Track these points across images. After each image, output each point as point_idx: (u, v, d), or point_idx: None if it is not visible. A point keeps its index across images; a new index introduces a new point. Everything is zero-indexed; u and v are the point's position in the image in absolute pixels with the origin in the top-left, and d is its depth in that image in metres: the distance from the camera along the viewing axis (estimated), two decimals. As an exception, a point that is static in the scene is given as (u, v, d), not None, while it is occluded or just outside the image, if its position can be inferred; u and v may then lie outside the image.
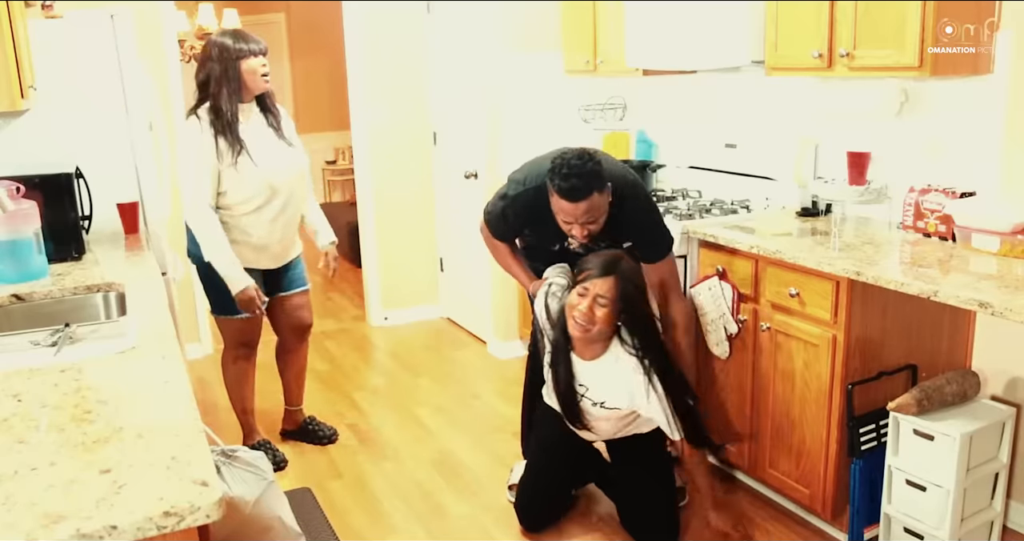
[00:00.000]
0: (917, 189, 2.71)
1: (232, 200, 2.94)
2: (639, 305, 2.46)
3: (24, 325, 2.22)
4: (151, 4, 4.16)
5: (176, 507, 1.13)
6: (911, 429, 2.37)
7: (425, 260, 5.07)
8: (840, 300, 2.42)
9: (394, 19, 4.73)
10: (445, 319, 5.09)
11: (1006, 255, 2.39)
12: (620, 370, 2.47)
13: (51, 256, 2.62)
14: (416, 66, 4.83)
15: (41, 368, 1.73)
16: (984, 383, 2.56)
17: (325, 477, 3.18)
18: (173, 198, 3.75)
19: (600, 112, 4.17)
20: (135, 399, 1.56)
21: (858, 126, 2.99)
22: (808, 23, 2.72)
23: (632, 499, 2.69)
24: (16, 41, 2.49)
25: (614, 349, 2.48)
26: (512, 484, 2.95)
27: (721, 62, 3.06)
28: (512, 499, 2.88)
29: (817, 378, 2.52)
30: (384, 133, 4.84)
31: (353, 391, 4.05)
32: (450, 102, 4.65)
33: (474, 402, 3.87)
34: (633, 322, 2.45)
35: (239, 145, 2.88)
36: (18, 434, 1.40)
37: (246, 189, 2.93)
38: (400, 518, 2.89)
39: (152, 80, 3.55)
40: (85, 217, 3.00)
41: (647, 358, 2.44)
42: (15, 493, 1.19)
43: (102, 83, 3.17)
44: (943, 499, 2.31)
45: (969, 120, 2.64)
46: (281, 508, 2.23)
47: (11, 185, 2.45)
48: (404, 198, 4.96)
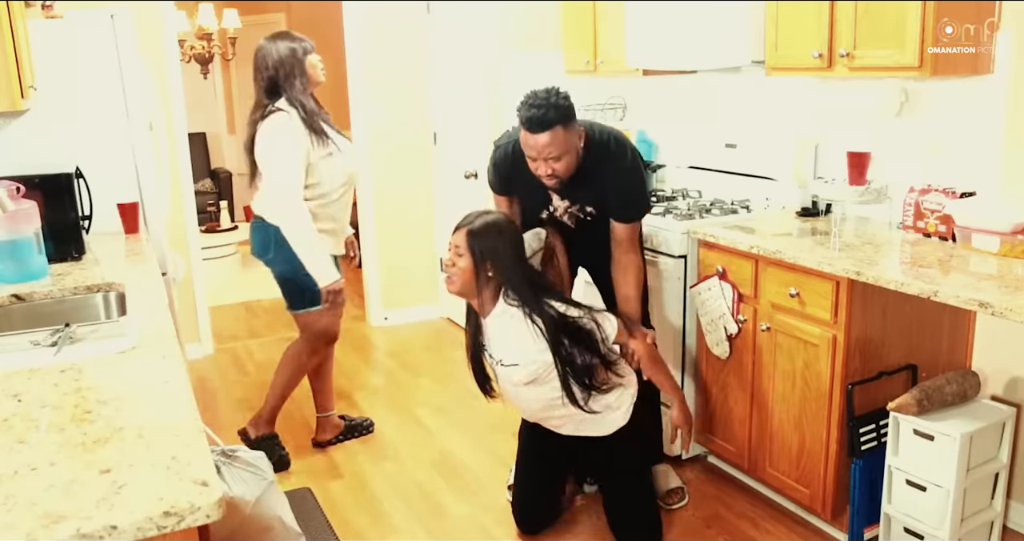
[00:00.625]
0: (917, 189, 2.71)
1: (324, 189, 3.02)
2: (507, 259, 2.47)
3: (24, 325, 2.22)
4: (151, 4, 4.16)
5: (176, 507, 1.13)
6: (911, 429, 2.37)
7: (425, 260, 5.07)
8: (840, 300, 2.42)
9: (394, 19, 4.74)
10: (445, 319, 5.09)
11: (1006, 255, 2.39)
12: (509, 323, 2.49)
13: (51, 256, 2.62)
14: (416, 66, 4.83)
15: (41, 368, 1.73)
16: (984, 383, 2.56)
17: (325, 477, 3.18)
18: (173, 198, 3.75)
19: (600, 112, 4.17)
20: (135, 399, 1.56)
21: (858, 126, 2.99)
22: (808, 23, 2.72)
23: (614, 503, 2.71)
24: (16, 41, 2.48)
25: (500, 303, 2.50)
26: (511, 484, 2.95)
27: (721, 62, 3.06)
28: (511, 499, 2.89)
29: (817, 378, 2.52)
30: (384, 133, 4.84)
31: (353, 391, 4.05)
32: (450, 102, 4.65)
33: (474, 402, 3.87)
34: (505, 275, 2.47)
35: (326, 135, 2.98)
36: (18, 434, 1.40)
37: (337, 177, 3.03)
38: (400, 518, 2.89)
39: (152, 80, 3.54)
40: (85, 217, 3.00)
41: (527, 307, 2.44)
42: (15, 493, 1.19)
43: (102, 83, 3.17)
44: (943, 499, 2.31)
45: (969, 120, 2.64)
46: (281, 508, 2.23)
47: (11, 185, 2.45)
48: (404, 198, 4.96)
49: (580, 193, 2.63)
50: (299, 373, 3.31)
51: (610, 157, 2.58)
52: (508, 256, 2.48)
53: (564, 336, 2.44)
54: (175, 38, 4.44)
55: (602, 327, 2.48)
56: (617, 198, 2.63)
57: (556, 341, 2.43)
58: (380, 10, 4.70)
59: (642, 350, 2.59)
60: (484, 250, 2.46)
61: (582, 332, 2.46)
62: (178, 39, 5.10)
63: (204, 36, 6.94)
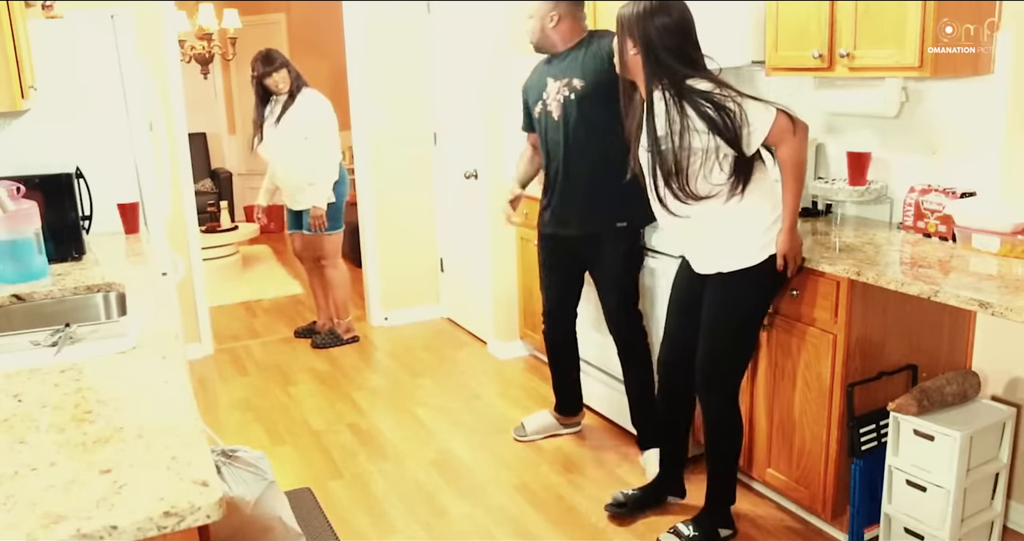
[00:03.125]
0: (917, 189, 2.71)
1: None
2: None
3: (24, 325, 2.22)
4: (151, 4, 4.16)
5: (176, 507, 1.13)
6: (911, 429, 2.37)
7: (425, 260, 5.07)
8: (840, 300, 2.42)
9: (394, 19, 4.73)
10: (445, 319, 5.09)
11: (1006, 255, 2.39)
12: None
13: (51, 256, 2.62)
14: (416, 66, 4.83)
15: (41, 368, 1.73)
16: (984, 383, 2.56)
17: (325, 477, 3.18)
18: (173, 198, 3.75)
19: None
20: (135, 399, 1.56)
21: (858, 126, 2.99)
22: (808, 23, 2.72)
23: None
24: (16, 41, 2.49)
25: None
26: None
27: (721, 62, 3.05)
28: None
29: (817, 378, 2.52)
30: (384, 133, 4.84)
31: (353, 391, 4.05)
32: (450, 102, 4.65)
33: (474, 402, 3.87)
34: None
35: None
36: (18, 434, 1.40)
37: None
38: (400, 518, 2.89)
39: (152, 80, 3.55)
40: (85, 217, 3.00)
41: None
42: (15, 493, 1.19)
43: (102, 83, 3.17)
44: (943, 499, 2.31)
45: (969, 120, 2.64)
46: (281, 508, 2.23)
47: (11, 185, 2.45)
48: (404, 198, 4.96)
49: (574, 65, 2.98)
50: (347, 282, 4.71)
51: (609, 38, 2.92)
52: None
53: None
54: (175, 38, 4.45)
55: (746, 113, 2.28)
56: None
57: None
58: (380, 10, 4.70)
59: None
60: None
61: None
62: (178, 39, 5.10)
63: (204, 36, 6.94)
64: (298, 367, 4.40)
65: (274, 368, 4.41)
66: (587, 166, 2.98)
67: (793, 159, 2.36)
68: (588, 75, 2.93)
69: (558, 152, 3.02)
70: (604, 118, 2.85)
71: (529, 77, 3.20)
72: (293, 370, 4.35)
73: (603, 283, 3.13)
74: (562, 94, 2.98)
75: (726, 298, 2.48)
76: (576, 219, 3.06)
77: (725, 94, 2.31)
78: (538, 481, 3.10)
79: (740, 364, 2.57)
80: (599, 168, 2.95)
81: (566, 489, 3.03)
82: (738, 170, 2.36)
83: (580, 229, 3.07)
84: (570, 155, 2.99)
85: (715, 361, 2.53)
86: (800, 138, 2.35)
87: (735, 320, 2.50)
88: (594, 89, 2.91)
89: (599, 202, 3.00)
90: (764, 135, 2.31)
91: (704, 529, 2.61)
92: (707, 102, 2.30)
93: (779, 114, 2.32)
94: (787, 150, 2.35)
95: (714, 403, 2.56)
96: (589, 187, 3.00)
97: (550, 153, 3.07)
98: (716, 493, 2.65)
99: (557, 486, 3.05)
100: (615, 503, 2.83)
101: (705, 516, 2.65)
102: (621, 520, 2.80)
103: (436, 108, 4.84)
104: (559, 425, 3.45)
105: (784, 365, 2.64)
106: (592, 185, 2.99)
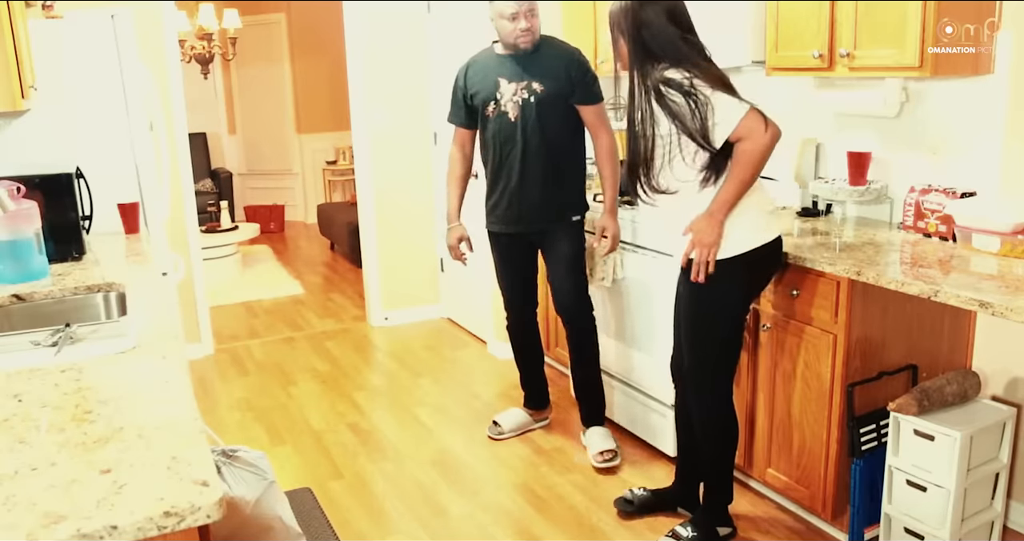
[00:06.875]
0: (917, 189, 2.71)
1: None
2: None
3: (24, 325, 2.22)
4: (151, 4, 4.16)
5: (176, 507, 1.13)
6: (911, 429, 2.37)
7: (425, 260, 5.07)
8: (841, 300, 2.42)
9: (394, 19, 4.73)
10: (445, 319, 5.09)
11: (1006, 255, 2.39)
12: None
13: (51, 256, 2.62)
14: (416, 66, 4.83)
15: (41, 368, 1.73)
16: (984, 383, 2.56)
17: (325, 477, 3.18)
18: (173, 198, 3.75)
19: (600, 112, 4.16)
20: (135, 399, 1.56)
21: (858, 126, 2.99)
22: (808, 23, 2.72)
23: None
24: (16, 41, 2.49)
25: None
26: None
27: (721, 62, 3.05)
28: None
29: (817, 378, 2.52)
30: (384, 133, 4.84)
31: (353, 391, 4.05)
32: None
33: (474, 402, 3.87)
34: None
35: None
36: (19, 434, 1.40)
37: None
38: (400, 518, 2.89)
39: (152, 80, 3.55)
40: (85, 217, 3.00)
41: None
42: (16, 493, 1.19)
43: (102, 83, 3.17)
44: (943, 499, 2.31)
45: (969, 120, 2.64)
46: (281, 508, 2.23)
47: (12, 185, 2.45)
48: (404, 198, 4.96)
49: (534, 69, 2.98)
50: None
51: (564, 46, 3.08)
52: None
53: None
54: (175, 38, 4.44)
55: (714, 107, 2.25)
56: (577, 73, 2.99)
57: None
58: (380, 10, 4.70)
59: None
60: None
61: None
62: (178, 39, 5.10)
63: (204, 36, 6.95)
64: (298, 367, 4.40)
65: (274, 368, 4.41)
66: (543, 167, 3.03)
67: (749, 154, 2.27)
68: (548, 80, 2.98)
69: (512, 152, 3.05)
70: (560, 120, 3.00)
71: (468, 73, 3.15)
72: (293, 370, 4.35)
73: (557, 268, 3.17)
74: (520, 96, 3.00)
75: (694, 292, 2.44)
76: (529, 217, 3.13)
77: (696, 85, 2.26)
78: (538, 481, 3.10)
79: (725, 363, 2.53)
80: (555, 169, 3.04)
81: (566, 489, 3.03)
82: (708, 168, 2.32)
83: (532, 226, 3.15)
84: (527, 156, 3.03)
85: (698, 361, 2.52)
86: (768, 139, 2.28)
87: (708, 315, 2.47)
88: (555, 93, 2.98)
89: (554, 201, 3.08)
90: (730, 130, 2.26)
91: (702, 529, 2.61)
92: (676, 91, 2.27)
93: (751, 112, 2.27)
94: (748, 145, 2.27)
95: (705, 404, 2.55)
96: (544, 187, 3.06)
97: (500, 152, 3.08)
98: (713, 492, 2.64)
99: (557, 486, 3.05)
100: (623, 499, 2.85)
101: (703, 516, 2.65)
102: (625, 517, 2.80)
103: (436, 108, 4.83)
104: (532, 421, 3.50)
105: (784, 365, 2.64)
106: (547, 185, 3.05)
